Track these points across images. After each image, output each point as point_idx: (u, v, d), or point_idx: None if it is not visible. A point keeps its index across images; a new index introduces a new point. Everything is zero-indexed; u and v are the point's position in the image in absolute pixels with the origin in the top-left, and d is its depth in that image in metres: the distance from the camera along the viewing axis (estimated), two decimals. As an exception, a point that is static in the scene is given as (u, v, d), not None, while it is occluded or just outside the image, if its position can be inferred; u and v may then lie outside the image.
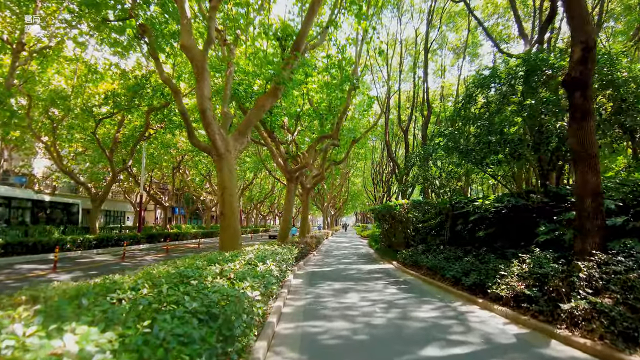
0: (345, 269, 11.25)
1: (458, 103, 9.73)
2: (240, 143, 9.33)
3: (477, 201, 10.95)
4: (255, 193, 50.82)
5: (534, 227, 7.68)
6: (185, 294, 3.08)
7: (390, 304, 6.21)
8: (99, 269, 12.15)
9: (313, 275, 10.08)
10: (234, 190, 8.97)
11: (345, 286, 8.06)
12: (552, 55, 7.69)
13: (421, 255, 10.46)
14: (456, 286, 7.24)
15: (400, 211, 13.45)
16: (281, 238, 13.87)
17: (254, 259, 6.32)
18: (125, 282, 3.48)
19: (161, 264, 5.51)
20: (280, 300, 6.18)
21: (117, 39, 15.48)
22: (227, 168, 8.90)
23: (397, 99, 29.31)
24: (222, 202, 8.79)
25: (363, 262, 13.62)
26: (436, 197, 12.50)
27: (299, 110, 16.17)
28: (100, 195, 23.10)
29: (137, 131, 23.14)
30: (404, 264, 11.29)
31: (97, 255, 17.76)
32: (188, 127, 9.40)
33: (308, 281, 8.91)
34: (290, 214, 14.68)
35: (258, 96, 10.82)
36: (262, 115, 9.61)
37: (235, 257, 6.74)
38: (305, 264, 12.84)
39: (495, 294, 5.78)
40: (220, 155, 8.86)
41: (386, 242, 16.51)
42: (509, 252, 7.19)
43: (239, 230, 8.89)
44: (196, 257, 6.82)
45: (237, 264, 5.63)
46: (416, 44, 27.93)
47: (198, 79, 8.57)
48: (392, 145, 32.99)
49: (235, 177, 9.07)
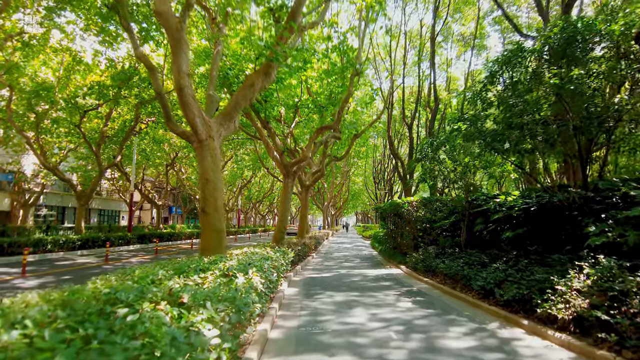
0: (348, 275, 9.89)
1: (479, 83, 8.36)
2: (225, 128, 7.97)
3: (499, 198, 9.59)
4: (253, 192, 49.48)
5: (577, 227, 6.33)
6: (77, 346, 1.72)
7: (409, 326, 4.84)
8: (75, 272, 10.85)
9: (311, 282, 8.72)
10: (218, 184, 7.61)
11: (349, 298, 6.70)
12: (600, 19, 6.32)
13: (435, 260, 9.11)
14: (486, 300, 5.88)
15: (408, 209, 12.09)
16: (276, 239, 12.52)
17: (235, 268, 4.98)
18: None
19: (111, 274, 4.20)
20: (267, 321, 4.82)
21: (103, 27, 14.33)
22: (209, 157, 7.53)
23: (401, 94, 27.94)
24: (204, 197, 7.43)
25: (367, 265, 12.26)
26: (449, 194, 11.14)
27: (297, 100, 14.81)
28: (87, 193, 21.75)
29: (126, 126, 21.83)
30: (415, 269, 9.93)
31: (80, 257, 16.59)
32: (165, 109, 8.04)
33: (305, 290, 7.55)
34: (287, 213, 13.32)
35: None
36: (251, 96, 8.26)
37: (214, 264, 5.41)
38: (303, 268, 11.48)
39: (547, 314, 4.42)
40: (201, 141, 7.50)
41: (391, 244, 15.15)
42: (552, 259, 5.82)
43: (224, 231, 7.53)
44: (165, 264, 5.51)
45: (209, 275, 4.29)
46: (421, 35, 26.56)
47: (174, 52, 7.21)
48: (394, 142, 31.63)
49: (219, 167, 7.71)
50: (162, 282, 3.63)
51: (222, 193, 7.71)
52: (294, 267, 10.68)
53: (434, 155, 9.84)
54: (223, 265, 5.24)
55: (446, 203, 12.00)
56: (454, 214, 10.81)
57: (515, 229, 7.81)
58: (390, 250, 15.15)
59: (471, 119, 7.37)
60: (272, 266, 6.10)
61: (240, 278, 4.27)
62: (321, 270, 10.97)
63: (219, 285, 3.85)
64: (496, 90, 8.19)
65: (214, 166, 7.57)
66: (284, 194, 13.38)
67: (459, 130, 7.79)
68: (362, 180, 57.83)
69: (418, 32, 29.70)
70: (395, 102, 28.62)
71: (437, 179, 10.46)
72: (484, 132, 7.14)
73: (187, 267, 5.13)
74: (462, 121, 7.59)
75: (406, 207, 12.14)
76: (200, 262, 5.67)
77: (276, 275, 6.20)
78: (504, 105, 6.70)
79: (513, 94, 7.05)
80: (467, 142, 7.97)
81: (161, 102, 8.18)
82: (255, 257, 6.35)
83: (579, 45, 6.28)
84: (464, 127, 7.45)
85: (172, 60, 7.28)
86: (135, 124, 20.87)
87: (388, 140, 25.31)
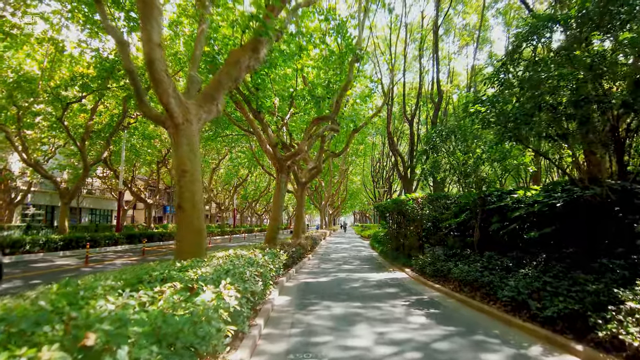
0: (347, 280, 8.81)
1: (499, 61, 7.29)
2: (206, 111, 6.87)
3: (516, 193, 8.55)
4: (250, 191, 48.32)
5: (624, 226, 5.30)
6: None
7: (428, 352, 3.77)
8: (48, 276, 9.70)
9: (306, 289, 7.63)
10: (197, 175, 6.52)
11: (350, 310, 5.62)
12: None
13: (446, 263, 8.05)
14: (518, 314, 4.82)
15: (413, 207, 11.03)
16: (269, 240, 11.43)
17: (206, 278, 3.92)
18: None
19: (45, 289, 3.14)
20: (247, 345, 3.73)
21: (89, 16, 13.33)
22: (186, 144, 6.45)
23: (401, 89, 26.89)
24: (180, 190, 6.34)
25: (368, 268, 11.19)
26: (460, 189, 10.09)
27: (293, 90, 13.71)
28: (71, 191, 20.56)
29: (114, 120, 20.67)
30: (422, 272, 8.88)
31: (61, 259, 15.56)
32: (136, 90, 6.92)
33: (298, 300, 6.46)
34: (280, 211, 12.21)
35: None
36: (237, 75, 7.18)
37: (183, 271, 4.36)
38: (298, 271, 10.41)
39: (610, 339, 3.37)
40: (177, 125, 6.41)
41: (393, 244, 14.09)
42: (601, 263, 4.77)
43: (203, 231, 6.44)
44: (123, 272, 4.45)
45: (167, 289, 3.22)
46: (422, 27, 25.54)
47: (144, 18, 6.11)
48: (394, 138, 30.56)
49: (198, 156, 6.62)
50: (89, 303, 2.55)
51: (201, 186, 6.62)
52: (288, 270, 9.61)
53: (443, 146, 8.77)
54: (194, 273, 4.17)
55: (455, 200, 10.96)
56: (464, 212, 9.76)
57: (541, 227, 6.75)
58: (392, 251, 14.09)
59: (491, 99, 6.29)
60: (257, 273, 5.02)
61: (206, 293, 3.19)
62: (318, 274, 9.90)
63: (173, 304, 2.78)
64: (518, 69, 7.15)
65: (192, 155, 6.49)
66: (277, 191, 12.28)
67: (477, 115, 6.71)
68: (360, 179, 56.82)
69: (419, 25, 28.70)
70: (395, 97, 27.57)
71: (447, 173, 9.39)
72: (508, 115, 6.07)
73: (148, 276, 4.06)
74: (482, 104, 6.51)
75: (411, 204, 11.08)
76: (168, 268, 4.60)
77: (262, 284, 5.12)
78: (531, 82, 5.64)
79: (542, 69, 5.99)
80: (485, 129, 6.90)
81: (131, 80, 7.06)
82: (239, 262, 5.27)
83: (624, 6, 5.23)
84: (484, 110, 6.37)
85: (141, 28, 6.18)
86: (123, 119, 19.73)
87: (387, 136, 24.25)
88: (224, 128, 19.68)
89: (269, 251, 7.88)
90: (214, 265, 4.92)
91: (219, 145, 29.65)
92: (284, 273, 8.97)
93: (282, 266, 8.80)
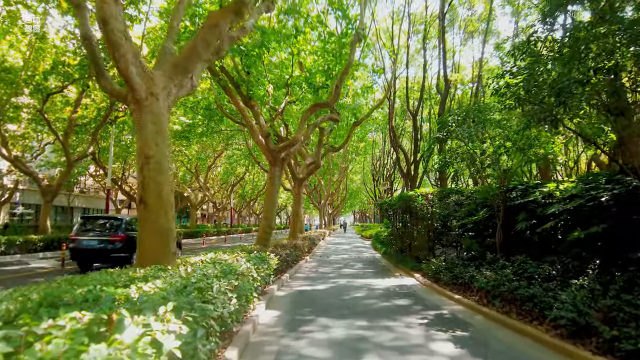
0: (349, 287, 7.58)
1: (528, 27, 6.07)
2: (177, 85, 5.63)
3: (545, 186, 7.33)
4: (247, 190, 47.03)
5: None
6: None
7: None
8: (13, 282, 8.27)
9: (300, 299, 6.40)
10: (165, 162, 5.28)
11: (353, 332, 4.38)
12: None
13: (466, 269, 6.82)
14: (580, 342, 3.58)
15: (423, 204, 9.79)
16: (260, 241, 10.18)
17: (154, 297, 2.71)
18: None
19: None
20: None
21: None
22: (151, 123, 5.20)
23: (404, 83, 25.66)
24: (143, 181, 5.11)
25: (372, 273, 9.96)
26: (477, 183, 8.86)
27: (288, 77, 12.46)
28: (53, 188, 19.31)
29: (100, 114, 19.42)
30: (436, 279, 7.64)
31: (38, 261, 14.41)
32: (94, 60, 5.70)
33: (289, 316, 5.23)
34: (273, 208, 10.95)
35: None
36: (216, 43, 5.95)
37: (126, 285, 3.16)
38: (293, 276, 9.18)
39: None
40: (140, 101, 5.17)
41: (398, 245, 12.85)
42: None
43: (171, 231, 5.20)
44: (29, 290, 3.25)
45: (67, 322, 1.98)
46: (426, 15, 24.30)
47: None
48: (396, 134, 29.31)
49: (166, 139, 5.37)
50: None
51: (169, 177, 5.38)
52: (280, 276, 8.37)
53: (459, 133, 7.53)
54: (138, 289, 2.97)
55: (469, 195, 9.72)
56: (483, 209, 8.53)
57: (586, 227, 5.52)
58: (396, 253, 12.86)
59: (530, 63, 5.04)
60: (230, 287, 3.78)
61: (129, 328, 1.97)
62: (315, 279, 8.66)
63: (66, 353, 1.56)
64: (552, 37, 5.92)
65: (159, 138, 5.24)
66: (269, 186, 11.01)
67: (507, 89, 5.46)
68: (360, 178, 55.62)
69: (422, 16, 27.50)
70: (398, 91, 26.31)
71: (462, 164, 8.16)
72: (544, 88, 4.84)
73: (70, 295, 2.87)
74: (513, 75, 5.27)
75: (420, 200, 9.84)
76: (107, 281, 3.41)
77: (238, 302, 3.89)
78: (585, 40, 4.41)
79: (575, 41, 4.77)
80: (516, 108, 5.66)
81: (88, 50, 5.84)
82: (212, 272, 4.04)
83: None
84: (521, 80, 5.12)
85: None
86: (110, 112, 18.48)
87: (390, 131, 22.99)
88: (217, 122, 18.44)
89: (256, 255, 6.65)
90: (177, 276, 3.71)
91: (215, 142, 28.43)
92: (276, 279, 7.74)
93: (274, 272, 7.57)
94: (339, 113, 12.43)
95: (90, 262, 10.22)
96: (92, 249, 9.80)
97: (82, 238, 9.91)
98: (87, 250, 9.83)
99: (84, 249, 9.83)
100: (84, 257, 10.00)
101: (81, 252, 9.89)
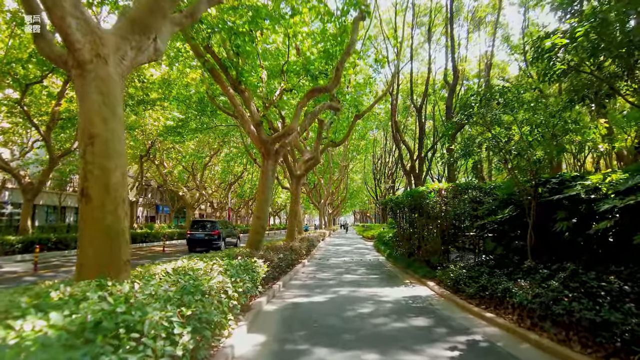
0: (352, 299, 6.36)
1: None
2: (135, 47, 4.41)
3: (587, 179, 6.11)
4: (246, 189, 45.80)
5: None
6: None
7: None
8: None
9: (293, 318, 5.17)
10: (118, 145, 4.07)
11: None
12: None
13: (495, 277, 5.60)
14: None
15: (435, 201, 8.57)
16: (251, 244, 8.97)
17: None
18: None
19: None
20: None
21: None
22: (97, 92, 3.98)
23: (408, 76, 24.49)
24: (85, 167, 3.90)
25: (377, 279, 8.74)
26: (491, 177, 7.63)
27: (284, 63, 11.24)
28: (35, 186, 18.11)
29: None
30: (456, 289, 6.41)
31: (14, 264, 13.37)
32: (30, 12, 4.49)
33: (277, 343, 4.01)
34: (265, 206, 9.71)
35: None
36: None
37: (16, 316, 1.85)
38: (287, 283, 7.96)
39: None
40: (82, 64, 3.95)
41: (406, 248, 11.63)
42: None
43: (123, 233, 3.99)
44: None
45: None
46: (431, 6, 23.10)
47: None
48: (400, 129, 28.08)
49: (118, 114, 4.16)
50: None
51: (123, 162, 4.16)
52: (272, 285, 7.15)
53: (485, 115, 6.31)
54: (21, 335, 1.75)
55: (488, 191, 8.50)
56: (507, 206, 7.31)
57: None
58: (403, 256, 11.64)
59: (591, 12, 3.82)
60: (181, 320, 2.57)
61: None
62: (312, 288, 7.43)
63: None
64: None
65: (106, 110, 4.02)
66: (262, 181, 9.77)
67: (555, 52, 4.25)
68: (361, 177, 54.45)
69: (426, 7, 26.34)
70: (402, 84, 25.13)
71: (484, 154, 6.95)
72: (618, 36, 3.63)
73: None
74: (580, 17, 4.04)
75: (432, 197, 8.61)
76: None
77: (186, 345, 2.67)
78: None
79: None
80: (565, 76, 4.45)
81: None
82: (163, 292, 2.82)
83: None
84: (584, 30, 3.89)
85: None
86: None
87: (393, 126, 21.78)
88: (210, 117, 17.27)
89: (240, 262, 5.43)
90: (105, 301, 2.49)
91: (211, 139, 27.27)
92: (265, 290, 6.52)
93: (264, 280, 6.38)
94: (339, 101, 11.23)
95: (198, 247, 16.18)
96: (200, 239, 16.37)
97: (195, 232, 16.63)
98: (197, 240, 16.42)
99: (195, 239, 16.44)
100: (195, 244, 16.39)
101: (194, 241, 16.47)
